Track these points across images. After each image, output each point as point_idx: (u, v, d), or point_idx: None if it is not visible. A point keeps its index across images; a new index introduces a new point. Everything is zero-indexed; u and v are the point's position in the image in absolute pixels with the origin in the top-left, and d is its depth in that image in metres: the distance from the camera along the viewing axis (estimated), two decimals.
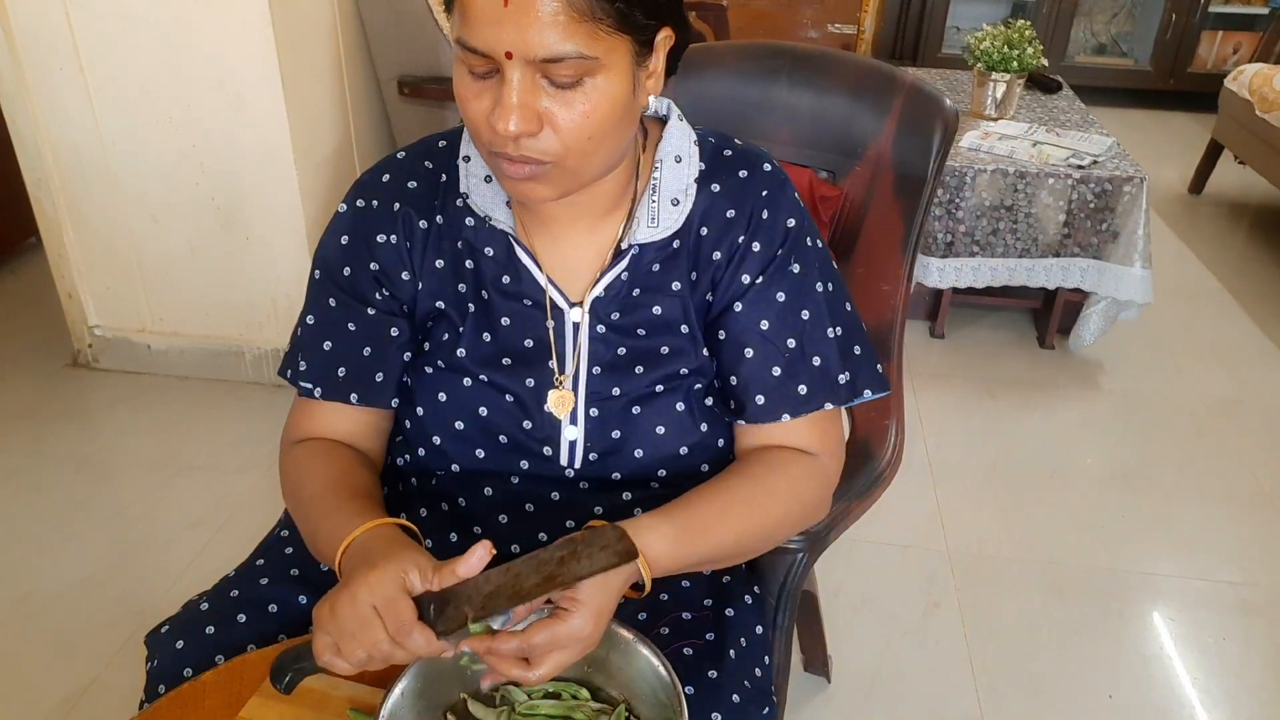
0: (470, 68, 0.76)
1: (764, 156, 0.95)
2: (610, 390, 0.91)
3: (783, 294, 0.91)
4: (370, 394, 0.93)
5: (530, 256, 0.91)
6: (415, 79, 2.45)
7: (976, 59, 2.75)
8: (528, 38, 0.71)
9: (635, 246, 0.90)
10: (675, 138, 0.91)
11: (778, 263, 0.91)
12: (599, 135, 0.78)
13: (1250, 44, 4.84)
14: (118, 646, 1.67)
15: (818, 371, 0.92)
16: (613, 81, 0.76)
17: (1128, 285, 2.46)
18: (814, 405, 0.92)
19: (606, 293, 0.91)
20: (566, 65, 0.73)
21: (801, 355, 0.92)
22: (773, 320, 0.91)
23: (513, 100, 0.74)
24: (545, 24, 0.71)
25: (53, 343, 2.56)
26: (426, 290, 0.93)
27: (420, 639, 0.70)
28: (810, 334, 0.92)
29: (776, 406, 0.92)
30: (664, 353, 0.92)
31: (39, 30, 2.09)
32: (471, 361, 0.92)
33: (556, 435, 0.92)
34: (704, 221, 0.91)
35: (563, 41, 0.72)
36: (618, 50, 0.75)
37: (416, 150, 0.95)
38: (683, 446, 0.93)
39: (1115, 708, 1.63)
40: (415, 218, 0.92)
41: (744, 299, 0.91)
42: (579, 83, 0.75)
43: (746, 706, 0.85)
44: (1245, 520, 2.07)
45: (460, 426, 0.92)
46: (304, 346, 0.95)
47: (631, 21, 0.75)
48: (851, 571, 1.88)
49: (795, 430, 0.93)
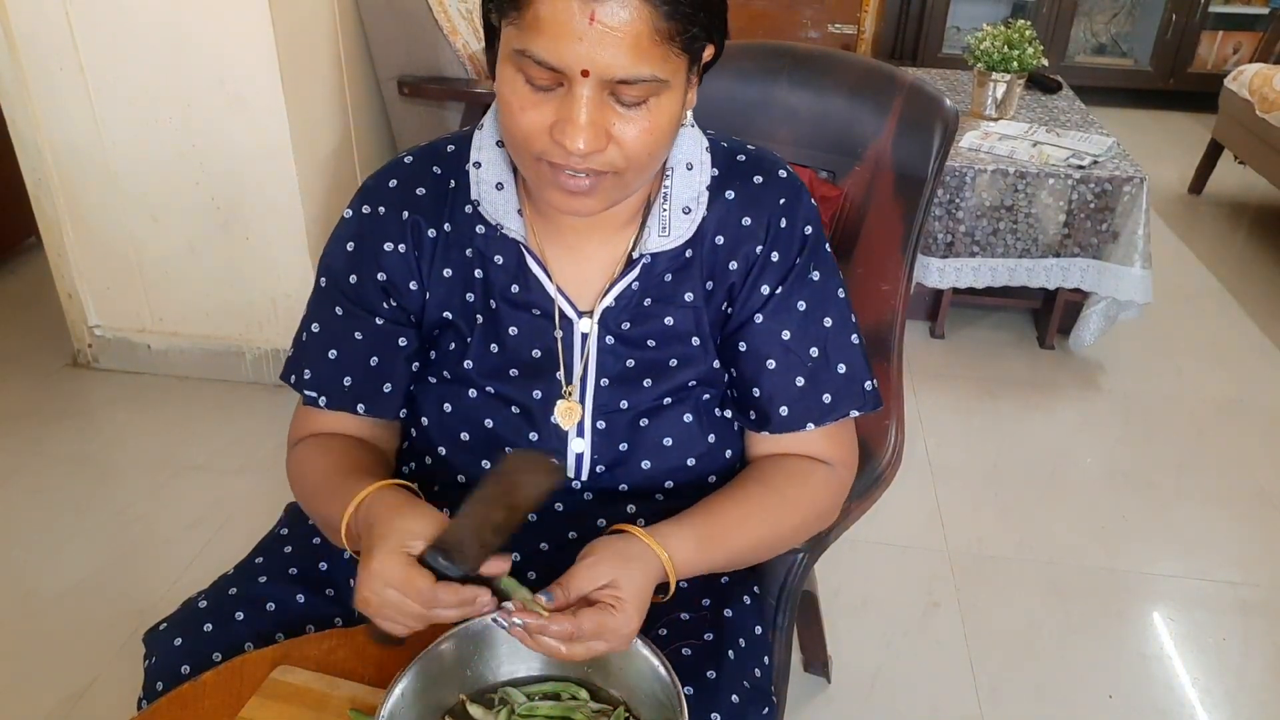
0: (530, 78, 0.74)
1: (779, 162, 0.94)
2: (618, 403, 0.91)
3: (804, 303, 0.91)
4: (377, 405, 0.92)
5: (541, 266, 0.90)
6: (415, 79, 2.45)
7: (976, 59, 2.75)
8: (611, 57, 0.70)
9: (647, 256, 0.89)
10: (686, 144, 0.90)
11: (797, 271, 0.90)
12: (657, 151, 0.78)
13: (1250, 44, 4.83)
14: (118, 646, 1.67)
15: (843, 379, 0.92)
16: (673, 100, 0.77)
17: (1128, 285, 2.46)
18: (840, 413, 0.93)
19: (617, 303, 0.90)
20: (639, 87, 0.73)
21: (826, 363, 0.92)
22: (794, 330, 0.91)
23: (583, 119, 0.73)
24: (630, 45, 0.70)
25: (53, 343, 2.56)
26: (435, 300, 0.92)
27: (448, 597, 0.71)
28: (834, 341, 0.92)
29: (801, 416, 0.92)
30: (672, 365, 0.91)
31: (39, 30, 2.09)
32: (478, 373, 0.91)
33: (563, 447, 0.91)
34: (719, 230, 0.90)
35: (640, 64, 0.71)
36: (680, 71, 0.76)
37: (424, 155, 0.94)
38: (690, 458, 0.93)
39: (1115, 708, 1.63)
40: (424, 226, 0.91)
41: (764, 310, 0.90)
42: (644, 101, 0.75)
43: (745, 707, 0.85)
44: (1245, 520, 2.07)
45: (465, 438, 0.92)
46: (308, 354, 0.94)
47: (696, 43, 0.75)
48: (851, 571, 1.88)
49: (815, 439, 0.93)
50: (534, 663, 0.80)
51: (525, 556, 0.93)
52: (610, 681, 0.79)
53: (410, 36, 2.42)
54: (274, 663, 0.82)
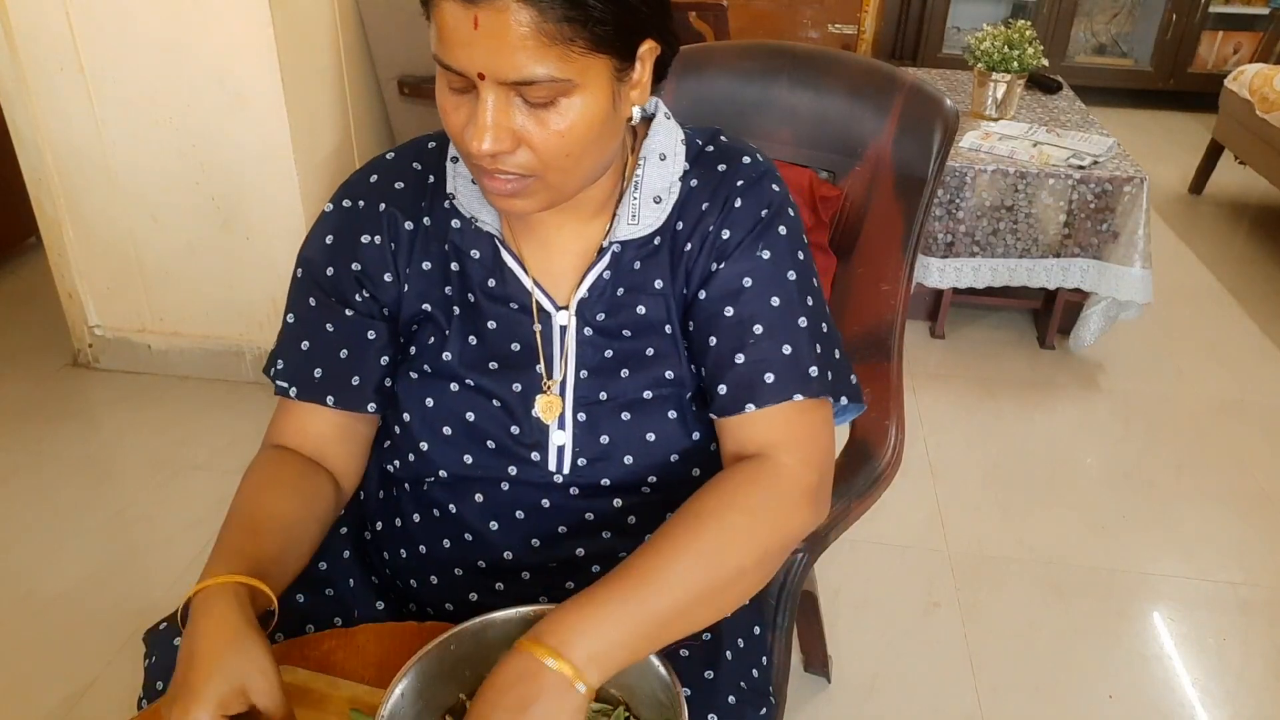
0: (449, 82, 0.75)
1: (746, 150, 0.92)
2: (597, 394, 0.90)
3: (749, 279, 0.87)
4: (347, 397, 0.92)
5: (516, 259, 0.90)
6: (415, 79, 2.45)
7: (977, 59, 2.75)
8: (499, 60, 0.70)
9: (616, 244, 0.89)
10: (660, 136, 0.90)
11: (744, 247, 0.87)
12: (577, 152, 0.77)
13: (1250, 44, 4.83)
14: (118, 646, 1.67)
15: (788, 360, 0.86)
16: (589, 99, 0.75)
17: (1128, 285, 2.46)
18: (782, 395, 0.85)
19: (591, 293, 0.90)
20: (540, 87, 0.72)
21: (771, 343, 0.86)
22: (737, 307, 0.87)
23: (486, 120, 0.73)
24: (515, 47, 0.70)
25: (53, 343, 2.56)
26: (413, 293, 0.92)
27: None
28: (781, 321, 0.87)
29: (740, 397, 0.85)
30: (650, 355, 0.91)
31: (39, 30, 2.09)
32: (459, 365, 0.91)
33: (545, 440, 0.91)
34: (680, 216, 0.90)
35: (534, 64, 0.71)
36: (594, 69, 0.74)
37: (405, 151, 0.95)
38: (673, 454, 0.91)
39: (1115, 708, 1.63)
40: (401, 219, 0.91)
41: (708, 286, 0.88)
42: (554, 102, 0.74)
43: (743, 707, 0.85)
44: (1245, 520, 2.07)
45: (448, 432, 0.92)
46: (283, 345, 0.94)
47: (607, 42, 0.73)
48: (851, 571, 1.88)
49: (767, 428, 0.86)
50: None
51: (516, 554, 0.93)
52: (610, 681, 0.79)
53: (410, 36, 2.42)
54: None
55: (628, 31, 0.75)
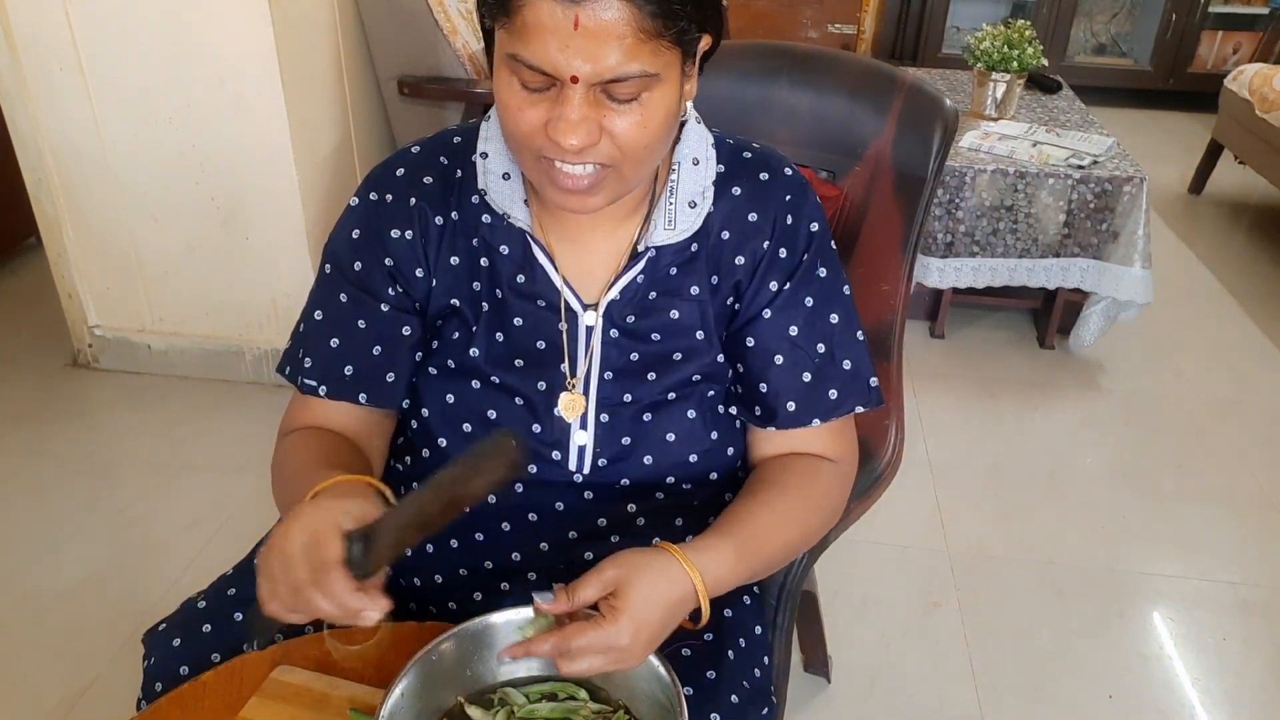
0: (524, 81, 0.75)
1: (785, 160, 0.95)
2: (621, 397, 0.91)
3: (811, 299, 0.92)
4: (380, 394, 0.92)
5: (547, 256, 0.90)
6: (415, 79, 2.45)
7: (976, 59, 2.75)
8: (598, 59, 0.71)
9: (652, 249, 0.89)
10: (692, 140, 0.91)
11: (804, 267, 0.91)
12: (654, 144, 0.79)
13: (1250, 44, 4.83)
14: (118, 646, 1.67)
15: (848, 375, 0.93)
16: (666, 93, 0.77)
17: (1128, 285, 2.46)
18: (845, 409, 0.94)
19: (622, 296, 0.90)
20: (630, 84, 0.74)
21: (831, 359, 0.92)
22: (802, 326, 0.91)
23: (575, 116, 0.74)
24: (614, 46, 0.71)
25: (53, 343, 2.56)
26: (441, 287, 0.91)
27: (338, 583, 0.68)
28: (840, 338, 0.93)
29: (808, 412, 0.92)
30: (676, 359, 0.91)
31: (39, 30, 2.09)
32: (484, 362, 0.91)
33: (566, 440, 0.91)
34: (725, 225, 0.91)
35: (628, 62, 0.72)
36: (673, 64, 0.76)
37: (431, 145, 0.94)
38: (692, 454, 0.93)
39: (1115, 708, 1.63)
40: (430, 213, 0.91)
41: (773, 305, 0.91)
42: (636, 96, 0.75)
43: (745, 707, 0.85)
44: (1245, 520, 2.07)
45: (468, 429, 0.92)
46: (308, 343, 0.93)
47: (688, 36, 0.75)
48: (851, 571, 1.88)
49: (819, 436, 0.94)
50: (534, 664, 0.80)
51: (525, 556, 0.93)
52: (610, 682, 0.79)
53: (410, 36, 2.42)
54: (274, 663, 0.81)
55: (698, 25, 0.77)
